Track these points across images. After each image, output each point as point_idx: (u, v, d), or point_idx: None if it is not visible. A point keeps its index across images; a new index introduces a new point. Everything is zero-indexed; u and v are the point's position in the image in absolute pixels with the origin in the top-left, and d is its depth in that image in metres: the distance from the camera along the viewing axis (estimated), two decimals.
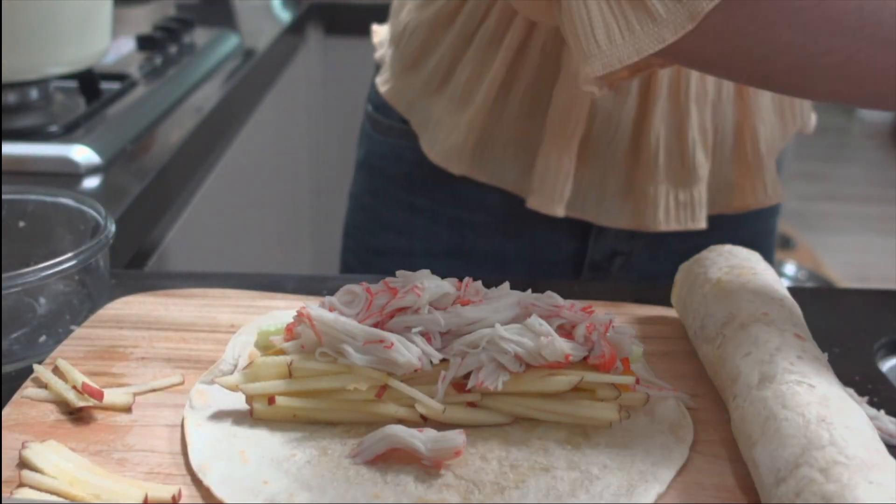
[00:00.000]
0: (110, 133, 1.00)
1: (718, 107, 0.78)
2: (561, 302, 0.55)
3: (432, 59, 0.81)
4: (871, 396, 0.57)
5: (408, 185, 0.87)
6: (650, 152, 0.77)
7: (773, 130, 0.82)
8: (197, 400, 0.53)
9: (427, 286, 0.54)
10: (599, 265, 0.86)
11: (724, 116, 0.79)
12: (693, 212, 0.80)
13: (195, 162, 1.13)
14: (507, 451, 0.50)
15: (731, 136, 0.80)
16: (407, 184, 0.87)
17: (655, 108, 0.76)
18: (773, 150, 0.82)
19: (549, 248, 0.85)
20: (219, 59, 1.38)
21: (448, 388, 0.52)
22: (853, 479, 0.41)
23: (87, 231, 0.69)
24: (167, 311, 0.65)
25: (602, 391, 0.52)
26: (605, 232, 0.83)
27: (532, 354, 0.52)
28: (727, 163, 0.81)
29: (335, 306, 0.55)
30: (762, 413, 0.48)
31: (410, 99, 0.83)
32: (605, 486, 0.48)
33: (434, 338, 0.53)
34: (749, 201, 0.82)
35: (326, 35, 2.02)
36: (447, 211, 0.85)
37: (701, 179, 0.79)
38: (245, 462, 0.48)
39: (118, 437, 0.51)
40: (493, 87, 0.77)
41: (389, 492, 0.47)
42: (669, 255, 0.85)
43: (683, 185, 0.79)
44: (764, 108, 0.80)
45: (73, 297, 0.68)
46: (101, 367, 0.58)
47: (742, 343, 0.54)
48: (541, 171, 0.77)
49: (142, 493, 0.45)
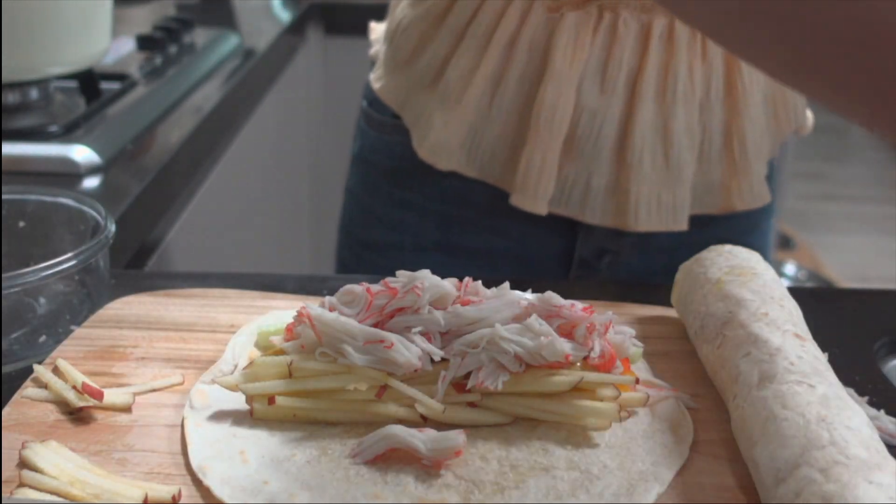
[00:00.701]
0: (110, 133, 1.00)
1: (706, 106, 0.78)
2: (561, 302, 0.55)
3: (424, 56, 0.81)
4: (871, 396, 0.57)
5: (398, 179, 0.87)
6: (635, 152, 0.77)
7: (763, 131, 0.81)
8: (197, 400, 0.53)
9: (427, 286, 0.54)
10: (588, 263, 0.86)
11: (711, 116, 0.79)
12: (675, 213, 0.79)
13: (195, 162, 1.13)
14: (507, 451, 0.50)
15: (719, 136, 0.80)
16: (397, 178, 0.87)
17: (641, 107, 0.76)
18: (761, 151, 0.81)
19: (537, 245, 0.85)
20: (219, 59, 1.38)
21: (448, 388, 0.52)
22: (853, 479, 0.41)
23: (87, 231, 0.69)
24: (167, 311, 0.65)
25: (602, 391, 0.52)
26: (592, 229, 0.83)
27: (532, 354, 0.52)
28: (714, 163, 0.81)
29: (335, 306, 0.55)
30: (762, 413, 0.48)
31: (403, 95, 0.84)
32: (605, 486, 0.48)
33: (434, 338, 0.53)
34: (734, 203, 0.81)
35: (326, 35, 2.02)
36: (436, 206, 0.86)
37: (685, 181, 0.79)
38: (245, 462, 0.48)
39: (118, 437, 0.51)
40: (483, 84, 0.78)
41: (389, 492, 0.47)
42: (659, 255, 0.85)
43: (667, 185, 0.78)
44: (753, 107, 0.79)
45: (73, 297, 0.68)
46: (101, 367, 0.58)
47: (742, 343, 0.54)
48: (524, 169, 0.77)
49: (142, 493, 0.45)
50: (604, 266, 0.86)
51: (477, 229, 0.85)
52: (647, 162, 0.77)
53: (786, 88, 0.83)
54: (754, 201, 0.82)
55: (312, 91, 1.99)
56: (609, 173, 0.78)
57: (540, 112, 0.76)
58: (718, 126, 0.79)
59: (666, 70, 0.75)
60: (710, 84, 0.77)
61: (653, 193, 0.78)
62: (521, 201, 0.78)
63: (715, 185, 0.81)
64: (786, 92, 0.82)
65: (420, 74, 0.82)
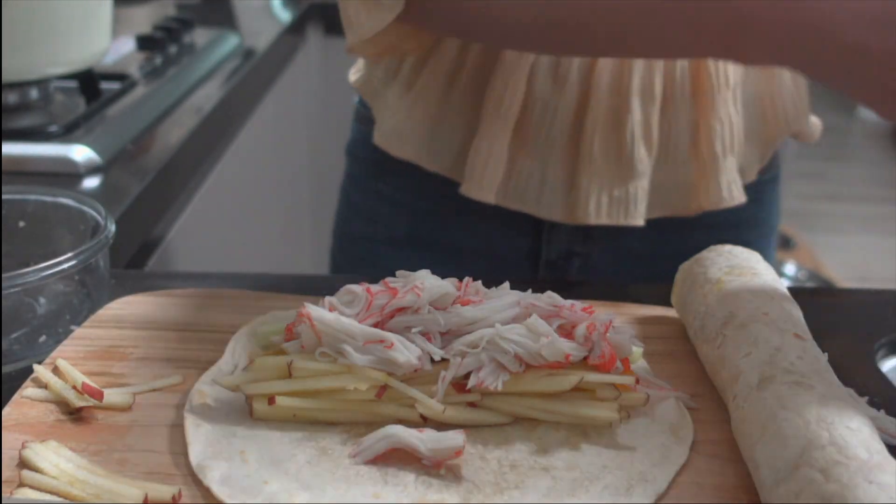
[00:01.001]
0: (110, 133, 1.00)
1: (670, 104, 0.77)
2: (561, 302, 0.55)
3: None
4: (871, 396, 0.57)
5: (374, 171, 0.89)
6: (587, 145, 0.76)
7: (737, 130, 0.79)
8: (197, 400, 0.53)
9: (427, 286, 0.54)
10: (556, 265, 0.85)
11: (677, 113, 0.77)
12: (627, 208, 0.78)
13: (195, 162, 1.13)
14: (507, 451, 0.50)
15: (687, 134, 0.78)
16: (374, 171, 0.89)
17: (595, 100, 0.75)
18: (732, 150, 0.79)
19: (504, 244, 0.85)
20: (219, 59, 1.38)
21: (448, 388, 0.52)
22: (853, 479, 0.41)
23: (87, 231, 0.69)
24: (167, 311, 0.65)
25: (602, 391, 0.52)
26: (556, 229, 0.83)
27: (532, 354, 0.52)
28: (681, 163, 0.79)
29: (335, 306, 0.55)
30: (762, 413, 0.48)
31: (374, 87, 0.85)
32: (605, 486, 0.48)
33: (434, 338, 0.53)
34: (702, 202, 0.80)
35: (326, 35, 2.02)
36: (407, 199, 0.87)
37: (640, 175, 0.77)
38: (245, 462, 0.48)
39: (118, 437, 0.51)
40: (437, 73, 0.78)
41: (389, 492, 0.47)
42: (632, 260, 0.84)
43: (620, 180, 0.77)
44: (724, 106, 0.78)
45: (73, 297, 0.68)
46: (101, 367, 0.58)
47: (742, 343, 0.54)
48: (472, 157, 0.78)
49: (142, 493, 0.45)
50: (573, 269, 0.85)
51: (446, 225, 0.86)
52: (600, 155, 0.76)
53: (777, 92, 0.82)
54: (722, 202, 0.80)
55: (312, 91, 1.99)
56: (563, 167, 0.78)
57: (490, 101, 0.76)
58: (686, 125, 0.78)
59: (622, 64, 0.74)
60: (673, 80, 0.76)
61: (604, 187, 0.77)
62: (469, 190, 0.78)
63: (683, 186, 0.80)
64: (776, 96, 0.81)
65: (388, 66, 0.83)
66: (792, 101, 0.83)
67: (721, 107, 0.78)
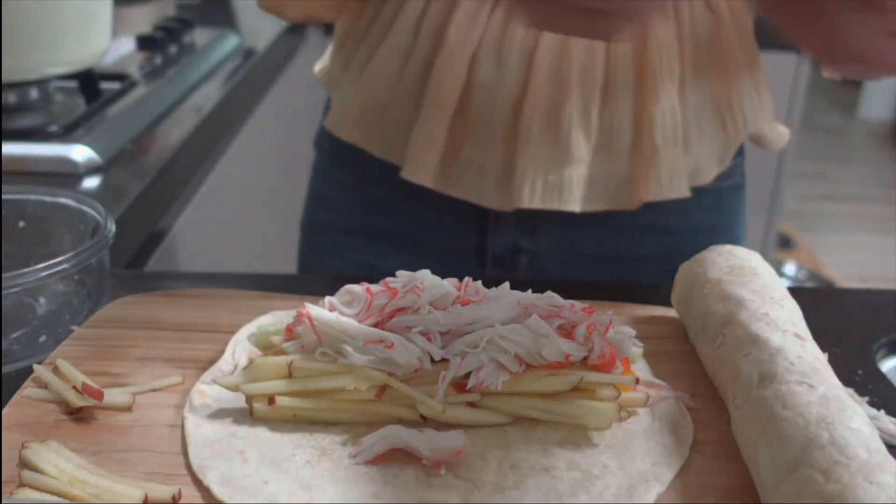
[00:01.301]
0: (110, 133, 1.00)
1: (611, 93, 0.76)
2: (561, 302, 0.55)
3: (351, 40, 0.84)
4: (871, 396, 0.57)
5: (336, 161, 0.90)
6: (524, 130, 0.76)
7: (678, 122, 0.78)
8: (197, 400, 0.53)
9: (427, 286, 0.54)
10: (503, 261, 0.85)
11: (619, 104, 0.76)
12: (562, 192, 0.77)
13: (195, 162, 1.13)
14: (507, 451, 0.50)
15: (630, 126, 0.78)
16: (336, 160, 0.90)
17: (534, 86, 0.75)
18: (675, 143, 0.78)
19: (452, 236, 0.85)
20: (219, 59, 1.38)
21: (448, 388, 0.52)
22: (853, 479, 0.41)
23: (87, 231, 0.69)
24: (167, 311, 0.65)
25: (602, 391, 0.52)
26: (501, 221, 0.82)
27: (532, 354, 0.52)
28: (623, 155, 0.78)
29: (335, 306, 0.55)
30: (762, 413, 0.48)
31: (333, 75, 0.87)
32: (605, 486, 0.48)
33: (434, 338, 0.53)
34: (641, 195, 0.78)
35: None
36: (362, 188, 0.87)
37: (577, 161, 0.77)
38: (245, 462, 0.48)
39: (118, 437, 0.51)
40: (389, 58, 0.79)
41: (389, 492, 0.47)
42: (581, 260, 0.84)
43: (556, 165, 0.77)
44: (666, 98, 0.76)
45: (73, 297, 0.68)
46: (101, 367, 0.58)
47: (742, 343, 0.54)
48: (412, 141, 0.78)
49: (142, 493, 0.45)
50: (521, 266, 0.85)
51: (398, 214, 0.86)
52: (537, 140, 0.76)
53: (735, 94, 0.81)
54: (662, 193, 0.78)
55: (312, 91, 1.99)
56: (502, 153, 0.78)
57: (432, 85, 0.76)
58: (629, 117, 0.77)
59: (562, 49, 0.74)
60: (616, 68, 0.75)
61: (540, 172, 0.77)
62: (408, 173, 0.78)
63: (625, 178, 0.79)
64: (733, 98, 0.80)
65: (346, 53, 0.85)
66: (751, 103, 0.81)
67: (664, 98, 0.77)
